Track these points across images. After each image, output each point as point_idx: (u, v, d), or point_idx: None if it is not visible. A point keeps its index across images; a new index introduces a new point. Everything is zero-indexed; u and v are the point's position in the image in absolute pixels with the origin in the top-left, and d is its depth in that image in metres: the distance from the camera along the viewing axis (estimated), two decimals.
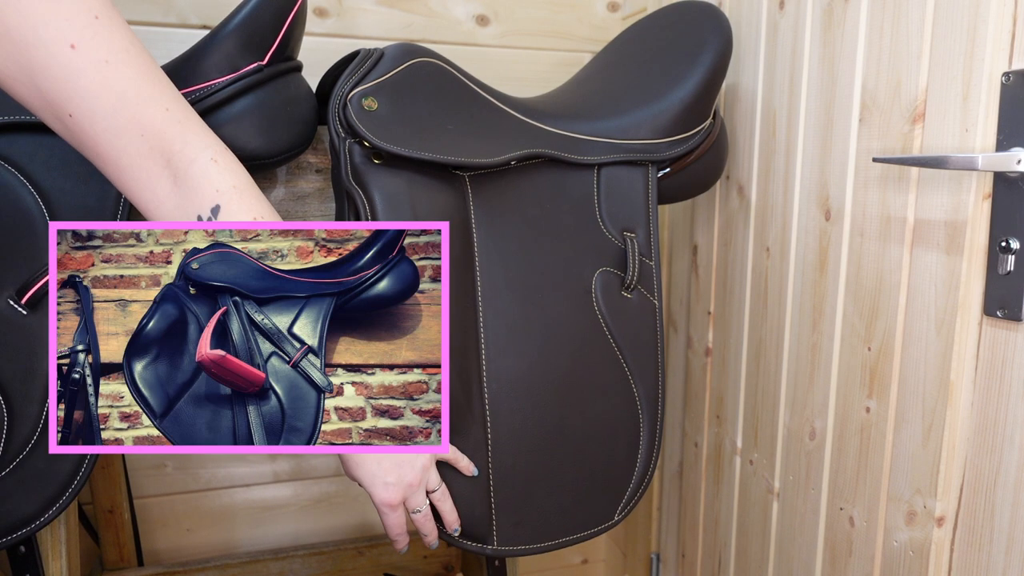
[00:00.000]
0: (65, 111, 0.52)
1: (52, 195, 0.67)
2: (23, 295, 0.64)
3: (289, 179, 0.80)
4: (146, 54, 0.55)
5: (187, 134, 0.56)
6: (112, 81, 0.51)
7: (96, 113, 0.52)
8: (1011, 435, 0.62)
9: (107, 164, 0.55)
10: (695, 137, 0.87)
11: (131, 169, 0.55)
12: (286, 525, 1.32)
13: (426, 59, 0.78)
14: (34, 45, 0.48)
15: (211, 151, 0.57)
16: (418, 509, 0.70)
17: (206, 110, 0.70)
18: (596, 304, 0.79)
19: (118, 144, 0.54)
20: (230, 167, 0.59)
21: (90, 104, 0.51)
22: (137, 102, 0.53)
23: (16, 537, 0.66)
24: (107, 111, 0.52)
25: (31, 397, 0.65)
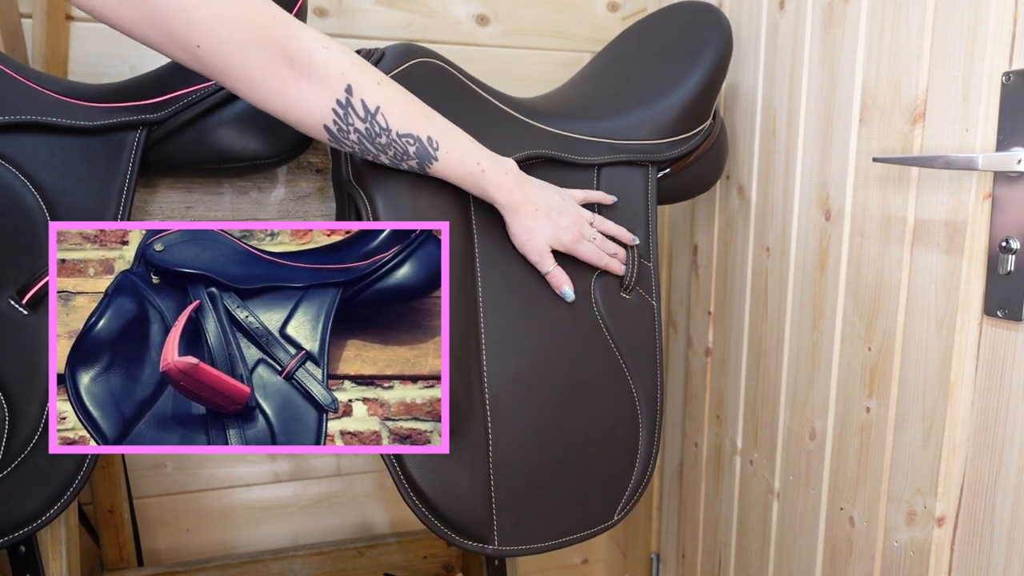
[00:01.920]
0: (193, 43, 0.57)
1: (53, 195, 0.67)
2: (24, 295, 0.64)
3: (290, 179, 0.80)
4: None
5: (295, 32, 0.61)
6: (225, 6, 0.57)
7: (220, 38, 0.57)
8: (1011, 435, 0.62)
9: (240, 82, 0.60)
10: (695, 137, 0.87)
11: (263, 80, 0.60)
12: (286, 525, 1.32)
13: (426, 59, 0.78)
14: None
15: (319, 41, 0.62)
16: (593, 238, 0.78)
17: (208, 109, 0.70)
18: (595, 305, 0.79)
19: (246, 60, 0.58)
20: (339, 48, 0.63)
21: (212, 31, 0.57)
22: (249, 18, 0.58)
23: (16, 537, 0.66)
24: (227, 33, 0.57)
25: (32, 397, 0.65)
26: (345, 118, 0.64)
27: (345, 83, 0.62)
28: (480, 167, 0.70)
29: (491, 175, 0.70)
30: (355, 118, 0.64)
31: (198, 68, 0.60)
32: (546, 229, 0.74)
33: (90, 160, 0.68)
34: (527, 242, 0.74)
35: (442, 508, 0.72)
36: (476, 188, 0.71)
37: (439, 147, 0.67)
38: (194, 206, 0.77)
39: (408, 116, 0.66)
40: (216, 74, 0.60)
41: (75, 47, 1.06)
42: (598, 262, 0.78)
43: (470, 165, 0.69)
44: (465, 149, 0.69)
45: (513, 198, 0.72)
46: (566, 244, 0.76)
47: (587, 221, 0.78)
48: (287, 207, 0.80)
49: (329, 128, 0.64)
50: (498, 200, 0.72)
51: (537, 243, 0.74)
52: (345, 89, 0.63)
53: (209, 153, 0.72)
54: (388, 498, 1.36)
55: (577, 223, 0.76)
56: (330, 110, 0.63)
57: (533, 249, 0.74)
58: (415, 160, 0.68)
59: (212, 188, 0.77)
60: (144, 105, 0.71)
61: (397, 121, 0.65)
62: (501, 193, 0.71)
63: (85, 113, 0.68)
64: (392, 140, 0.66)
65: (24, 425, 0.65)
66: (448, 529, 0.72)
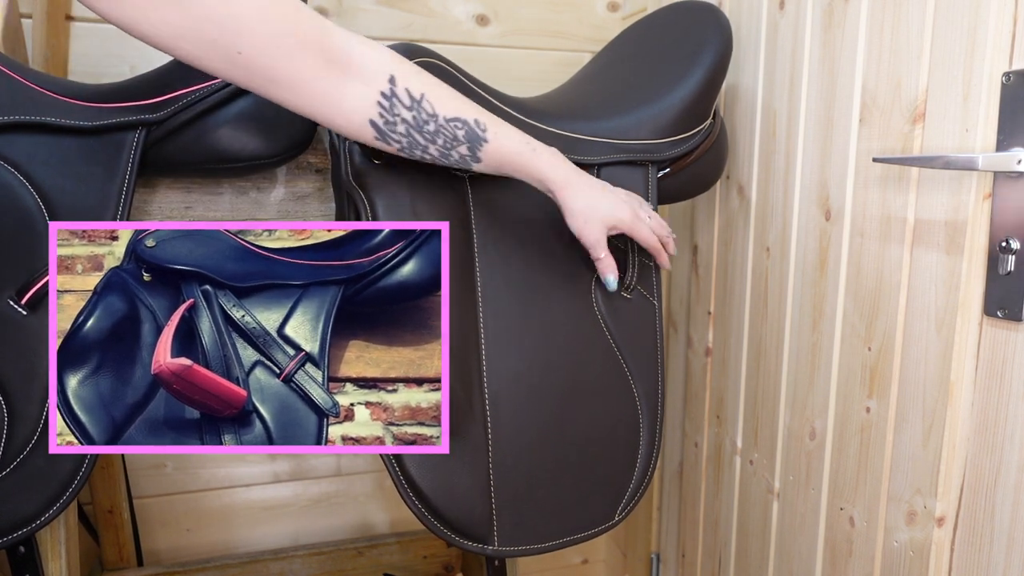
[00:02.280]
0: (234, 50, 0.56)
1: (52, 195, 0.67)
2: (23, 295, 0.64)
3: (289, 179, 0.80)
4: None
5: (330, 31, 0.60)
6: (265, 10, 0.56)
7: (262, 42, 0.56)
8: (1011, 435, 0.62)
9: (283, 88, 0.59)
10: (695, 137, 0.87)
11: (305, 83, 0.59)
12: (286, 525, 1.31)
13: (426, 59, 0.78)
14: (194, 3, 0.53)
15: (353, 37, 0.62)
16: (649, 217, 0.76)
17: (207, 110, 0.70)
18: (596, 305, 0.79)
19: (290, 64, 0.58)
20: (373, 43, 0.63)
21: (253, 35, 0.56)
22: (288, 21, 0.57)
23: (16, 537, 0.66)
24: (269, 38, 0.56)
25: (31, 397, 0.65)
26: (391, 109, 0.63)
27: (388, 74, 0.62)
28: (531, 146, 0.68)
29: (543, 154, 0.69)
30: (401, 107, 0.63)
31: (240, 77, 0.59)
32: (603, 203, 0.71)
33: (89, 160, 0.68)
34: (585, 222, 0.71)
35: (442, 508, 0.72)
36: (528, 168, 0.69)
37: (487, 128, 0.66)
38: (193, 206, 0.77)
39: (453, 100, 0.65)
40: (259, 80, 0.59)
41: (75, 47, 1.06)
42: (653, 245, 0.76)
43: (520, 145, 0.68)
44: (512, 131, 0.68)
45: (569, 175, 0.70)
46: (625, 221, 0.73)
47: (638, 204, 0.77)
48: (286, 207, 0.80)
49: (376, 123, 0.63)
50: (553, 178, 0.70)
51: (595, 225, 0.71)
52: (388, 80, 0.62)
53: (208, 153, 0.72)
54: (388, 498, 1.36)
55: (630, 201, 0.74)
56: (375, 103, 0.62)
57: (592, 230, 0.71)
58: (465, 145, 0.66)
59: (211, 188, 0.77)
60: (143, 105, 0.71)
61: (443, 106, 0.64)
62: (556, 171, 0.69)
63: (84, 113, 0.68)
64: (440, 126, 0.65)
65: (23, 425, 0.65)
66: (448, 529, 0.72)
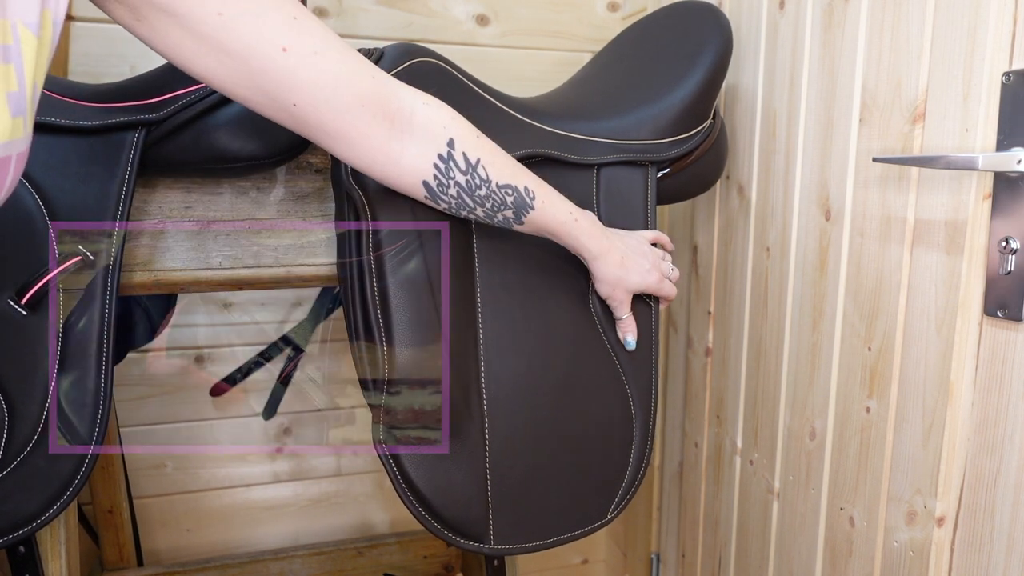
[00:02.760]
0: (289, 102, 0.57)
1: (52, 195, 0.67)
2: (23, 295, 0.64)
3: (289, 179, 0.80)
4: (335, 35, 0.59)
5: (396, 90, 0.61)
6: (324, 68, 0.56)
7: (318, 98, 0.57)
8: (1011, 435, 0.62)
9: (337, 141, 0.60)
10: (695, 137, 0.87)
11: (362, 139, 0.60)
12: (286, 525, 1.32)
13: (426, 59, 0.78)
14: (251, 57, 0.54)
15: (420, 97, 0.63)
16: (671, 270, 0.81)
17: (206, 110, 0.70)
18: (592, 307, 0.79)
19: (345, 120, 0.58)
20: (437, 102, 0.64)
21: (311, 92, 0.56)
22: (349, 78, 0.58)
23: (16, 537, 0.66)
24: (327, 94, 0.57)
25: (31, 397, 0.65)
26: (446, 172, 0.64)
27: (448, 137, 0.63)
28: (573, 216, 0.71)
29: (583, 224, 0.71)
30: (456, 171, 0.64)
31: (292, 126, 0.59)
32: (634, 278, 0.76)
33: (89, 160, 0.68)
34: (614, 289, 0.76)
35: (439, 507, 0.72)
36: (567, 238, 0.72)
37: (535, 196, 0.68)
38: (193, 206, 0.77)
39: (506, 167, 0.67)
40: (312, 132, 0.59)
41: (75, 47, 1.06)
42: (671, 295, 0.81)
43: (563, 215, 0.70)
44: (557, 199, 0.70)
45: (603, 246, 0.73)
46: (652, 287, 0.78)
47: (660, 258, 0.80)
48: (286, 207, 0.80)
49: (429, 184, 0.64)
50: (589, 248, 0.73)
51: (620, 292, 0.76)
52: (447, 143, 0.63)
53: (208, 153, 0.72)
54: (388, 498, 1.36)
55: (656, 264, 0.78)
56: (431, 165, 0.63)
57: (618, 297, 0.77)
58: (511, 210, 0.68)
59: (211, 188, 0.77)
60: (143, 105, 0.71)
61: (497, 173, 0.66)
62: (592, 242, 0.72)
63: (84, 113, 0.68)
64: (492, 191, 0.66)
65: (24, 425, 0.65)
66: (445, 528, 0.72)
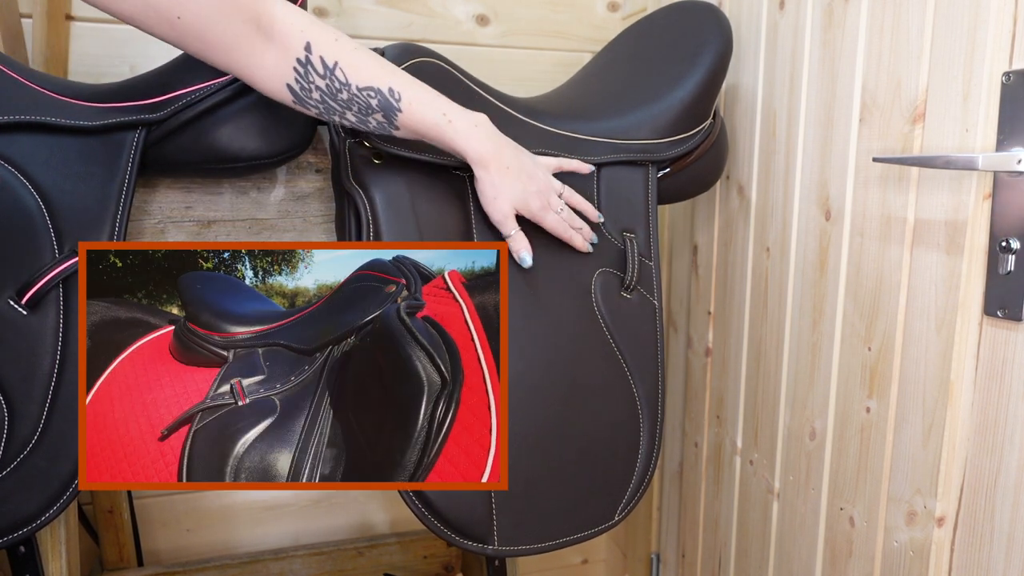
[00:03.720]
0: (173, 15, 0.61)
1: (52, 195, 0.67)
2: (23, 295, 0.64)
3: (289, 179, 0.80)
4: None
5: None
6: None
7: (200, 7, 0.60)
8: (1011, 435, 0.62)
9: (215, 50, 0.63)
10: (695, 137, 0.87)
11: (237, 47, 0.63)
12: (286, 525, 1.31)
13: (427, 59, 0.78)
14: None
15: (281, 3, 0.65)
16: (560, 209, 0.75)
17: (207, 110, 0.70)
18: (596, 305, 0.79)
19: (221, 28, 0.62)
20: (299, 9, 0.66)
21: (191, 2, 0.60)
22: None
23: (16, 537, 0.66)
24: (205, 3, 0.60)
25: (31, 397, 0.65)
26: (306, 76, 0.65)
27: (304, 40, 0.64)
28: (447, 117, 0.68)
29: (459, 125, 0.68)
30: (315, 75, 0.65)
31: (178, 40, 0.62)
32: (514, 189, 0.71)
33: (89, 160, 0.68)
34: (492, 200, 0.71)
35: (442, 508, 0.72)
36: (444, 140, 0.69)
37: (401, 97, 0.67)
38: (193, 206, 0.77)
39: (367, 69, 0.66)
40: (195, 44, 0.62)
41: (75, 47, 1.06)
42: (563, 234, 0.76)
43: (436, 116, 0.68)
44: (430, 100, 0.68)
45: (483, 149, 0.69)
46: (532, 210, 0.73)
47: (556, 192, 0.76)
48: (286, 207, 0.80)
49: (292, 88, 0.66)
50: (467, 152, 0.69)
51: (502, 203, 0.72)
52: (304, 47, 0.64)
53: (208, 153, 0.72)
54: (388, 498, 1.36)
55: (545, 191, 0.74)
56: (291, 69, 0.64)
57: (498, 209, 0.72)
58: (380, 113, 0.67)
59: (212, 188, 0.77)
60: (143, 105, 0.71)
61: (356, 75, 0.66)
62: (470, 143, 0.69)
63: (84, 113, 0.68)
64: (353, 95, 0.66)
65: (23, 425, 0.65)
66: (448, 529, 0.72)
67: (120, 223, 0.68)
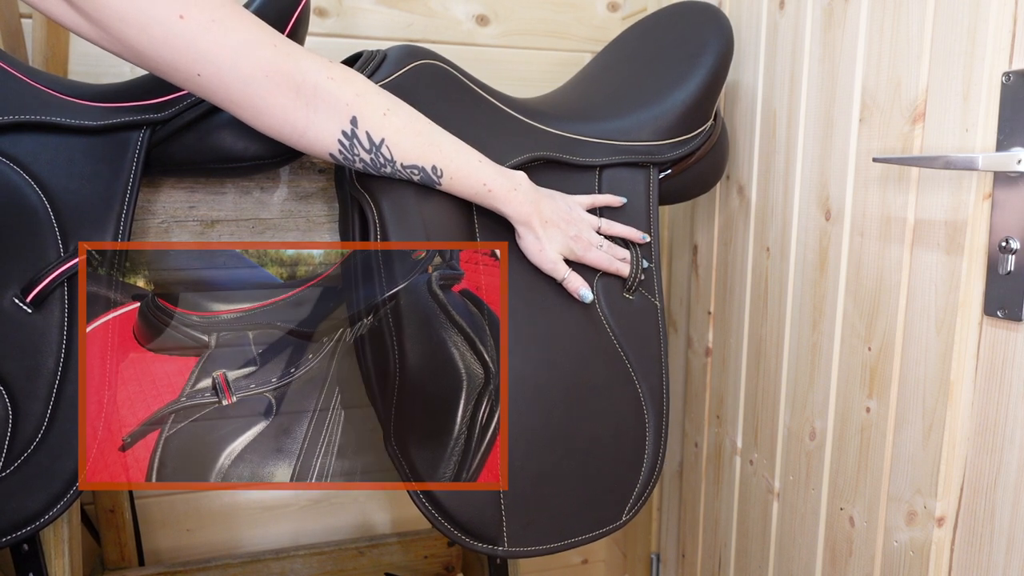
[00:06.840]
0: (193, 72, 0.58)
1: (57, 194, 0.67)
2: (28, 293, 0.65)
3: (292, 179, 0.80)
4: (242, 8, 0.60)
5: (299, 62, 0.61)
6: (224, 37, 0.57)
7: (220, 67, 0.58)
8: (1011, 435, 0.63)
9: (244, 110, 0.61)
10: (696, 138, 0.87)
11: (267, 109, 0.61)
12: (287, 525, 1.32)
13: (428, 61, 0.78)
14: (150, 24, 0.55)
15: (325, 71, 0.63)
16: (600, 244, 0.79)
17: (211, 110, 0.71)
18: (599, 306, 0.79)
19: (250, 90, 0.59)
20: (343, 77, 0.64)
21: (212, 61, 0.57)
22: (250, 47, 0.58)
23: (20, 535, 0.66)
24: (229, 64, 0.58)
25: (35, 395, 0.65)
26: (351, 148, 0.65)
27: (350, 115, 0.64)
28: (487, 187, 0.71)
29: (498, 193, 0.72)
30: (360, 149, 0.65)
31: (203, 95, 0.61)
32: (556, 238, 0.75)
33: (94, 159, 0.69)
34: (539, 252, 0.75)
35: (452, 510, 0.72)
36: (487, 204, 0.73)
37: (443, 175, 0.69)
38: (197, 206, 0.77)
39: (413, 146, 0.67)
40: (219, 102, 0.61)
41: (75, 47, 1.06)
42: (608, 268, 0.79)
43: (476, 187, 0.71)
44: (470, 172, 0.71)
45: (523, 211, 0.73)
46: (577, 254, 0.77)
47: (594, 228, 0.79)
48: (290, 207, 0.80)
49: (335, 156, 0.66)
50: (508, 214, 0.74)
51: (549, 252, 0.75)
52: (350, 121, 0.64)
53: (212, 153, 0.72)
54: (388, 498, 1.36)
55: (585, 232, 0.78)
56: (336, 140, 0.64)
57: (546, 259, 0.76)
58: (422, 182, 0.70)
59: (215, 188, 0.78)
60: (147, 105, 0.71)
61: (401, 153, 0.67)
62: (510, 205, 0.73)
63: (89, 113, 0.69)
64: (397, 170, 0.68)
65: (27, 423, 0.65)
66: (458, 531, 0.72)
67: (125, 222, 0.68)
